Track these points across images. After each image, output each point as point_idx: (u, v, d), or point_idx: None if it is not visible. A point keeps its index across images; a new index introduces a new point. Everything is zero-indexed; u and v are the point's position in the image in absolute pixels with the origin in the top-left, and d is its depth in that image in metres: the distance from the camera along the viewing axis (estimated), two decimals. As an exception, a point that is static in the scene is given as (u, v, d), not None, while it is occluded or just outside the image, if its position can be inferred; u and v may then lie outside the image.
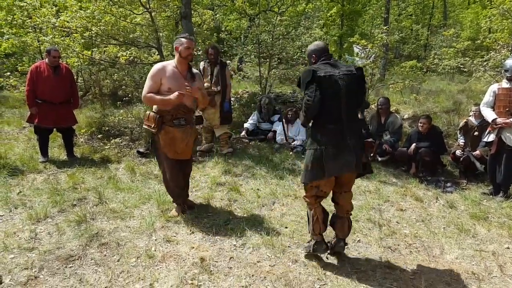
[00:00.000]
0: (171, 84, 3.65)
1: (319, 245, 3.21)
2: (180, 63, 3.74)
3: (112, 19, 6.73)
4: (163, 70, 3.67)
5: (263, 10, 10.12)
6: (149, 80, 3.67)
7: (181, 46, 3.67)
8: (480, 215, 4.26)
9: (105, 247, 3.35)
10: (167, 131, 3.74)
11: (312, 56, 3.15)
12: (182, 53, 3.68)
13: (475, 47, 14.39)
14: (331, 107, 2.95)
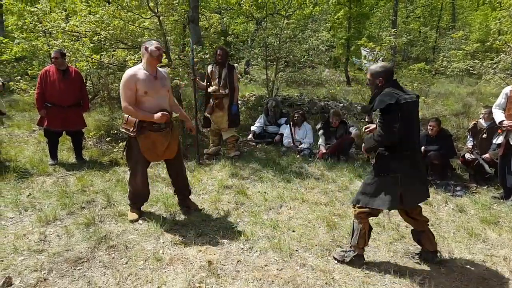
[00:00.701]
0: (146, 88, 3.63)
1: (358, 258, 3.19)
2: (149, 64, 3.69)
3: (120, 23, 6.78)
4: (135, 75, 3.61)
5: (270, 13, 10.16)
6: (124, 88, 3.61)
7: (151, 46, 3.65)
8: (490, 219, 4.20)
9: (113, 249, 3.36)
10: (147, 136, 3.73)
11: (379, 79, 3.01)
12: (153, 52, 3.64)
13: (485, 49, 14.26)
14: (409, 134, 2.92)
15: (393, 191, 2.95)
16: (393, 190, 2.95)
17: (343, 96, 11.10)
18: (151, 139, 3.76)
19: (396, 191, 2.94)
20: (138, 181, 3.92)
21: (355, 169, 5.83)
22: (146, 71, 3.67)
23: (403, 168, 2.94)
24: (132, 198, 4.04)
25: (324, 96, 11.08)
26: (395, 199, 2.94)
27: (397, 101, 2.81)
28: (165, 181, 5.09)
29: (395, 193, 2.94)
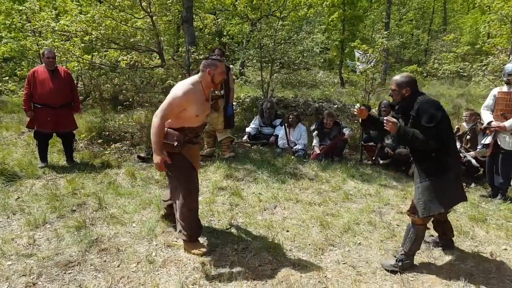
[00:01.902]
0: (199, 111, 3.26)
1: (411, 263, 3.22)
2: (207, 87, 3.33)
3: (112, 23, 6.74)
4: (194, 94, 3.19)
5: (265, 15, 10.16)
6: (176, 100, 3.12)
7: (215, 71, 3.25)
8: (478, 217, 4.26)
9: (105, 252, 3.33)
10: (189, 148, 3.36)
11: (406, 89, 3.11)
12: (216, 79, 3.28)
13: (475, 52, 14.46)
14: (451, 139, 3.13)
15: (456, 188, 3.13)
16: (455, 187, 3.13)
17: (337, 98, 11.15)
18: (191, 152, 3.41)
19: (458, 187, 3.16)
20: (193, 202, 3.41)
21: (348, 169, 5.85)
22: (202, 91, 3.29)
23: (452, 170, 3.07)
24: (191, 228, 3.37)
25: (319, 97, 11.11)
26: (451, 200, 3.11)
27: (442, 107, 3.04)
28: (158, 183, 5.06)
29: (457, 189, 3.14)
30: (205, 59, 3.38)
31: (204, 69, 3.27)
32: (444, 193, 3.03)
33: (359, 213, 4.29)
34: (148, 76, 7.02)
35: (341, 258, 3.33)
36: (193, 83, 3.25)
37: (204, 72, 3.28)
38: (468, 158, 5.65)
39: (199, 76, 3.32)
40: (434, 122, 2.95)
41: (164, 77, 6.45)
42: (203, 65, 3.30)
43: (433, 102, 3.04)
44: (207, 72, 3.26)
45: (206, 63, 3.29)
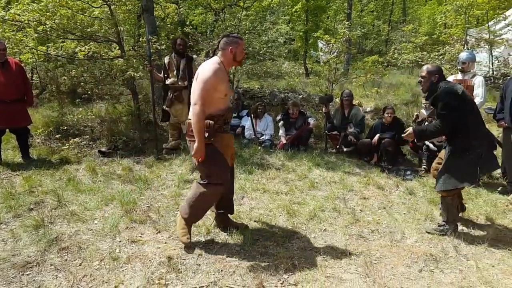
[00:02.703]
0: (227, 90, 3.18)
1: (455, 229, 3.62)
2: (228, 65, 3.25)
3: (68, 12, 6.42)
4: (222, 72, 3.09)
5: (228, 5, 10.04)
6: (208, 81, 3.01)
7: (237, 49, 3.17)
8: (437, 200, 4.42)
9: (65, 251, 3.20)
10: (221, 138, 3.22)
11: (435, 76, 3.49)
12: (238, 56, 3.21)
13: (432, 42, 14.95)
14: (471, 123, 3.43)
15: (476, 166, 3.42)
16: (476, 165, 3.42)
17: (302, 88, 11.24)
18: (225, 142, 3.29)
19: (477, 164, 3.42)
20: (216, 197, 3.32)
21: (313, 158, 5.93)
22: (225, 70, 3.19)
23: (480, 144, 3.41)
24: (197, 214, 3.32)
25: (284, 88, 11.16)
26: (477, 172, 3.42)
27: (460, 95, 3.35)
28: (121, 178, 4.93)
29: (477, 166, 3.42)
30: (225, 36, 3.27)
31: (226, 47, 3.19)
32: (461, 172, 3.42)
33: (324, 200, 4.37)
34: (107, 67, 6.77)
35: (308, 245, 3.38)
36: (217, 62, 3.14)
37: (225, 50, 3.19)
38: (426, 143, 5.86)
39: (219, 55, 3.22)
40: (447, 109, 3.33)
41: (124, 68, 6.25)
42: (224, 42, 3.20)
43: (450, 91, 3.36)
44: (229, 50, 3.18)
45: (228, 41, 3.20)
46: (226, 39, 3.20)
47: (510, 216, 4.11)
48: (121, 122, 7.06)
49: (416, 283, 2.86)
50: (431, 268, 3.06)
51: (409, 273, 2.98)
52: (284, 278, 2.88)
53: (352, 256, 3.20)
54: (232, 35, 3.26)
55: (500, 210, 4.24)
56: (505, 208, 4.31)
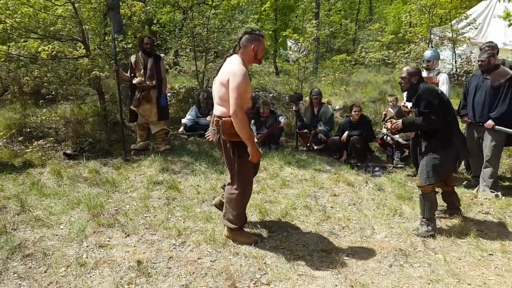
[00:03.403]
0: (251, 89, 3.15)
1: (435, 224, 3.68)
2: (249, 63, 3.22)
3: (29, 10, 6.17)
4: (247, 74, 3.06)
5: (196, 3, 9.92)
6: (242, 86, 2.97)
7: (259, 47, 3.15)
8: (405, 195, 4.57)
9: (29, 258, 3.07)
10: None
11: (415, 77, 3.67)
12: (259, 54, 3.19)
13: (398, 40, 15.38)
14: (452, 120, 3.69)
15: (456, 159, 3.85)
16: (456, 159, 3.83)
17: (272, 87, 11.29)
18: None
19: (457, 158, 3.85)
20: (250, 192, 3.39)
21: (285, 156, 5.97)
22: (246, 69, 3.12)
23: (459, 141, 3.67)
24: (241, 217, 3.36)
25: (255, 86, 11.16)
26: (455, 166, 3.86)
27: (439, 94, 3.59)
28: (87, 181, 4.79)
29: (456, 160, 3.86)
30: (246, 33, 3.21)
31: (247, 44, 3.15)
32: (443, 166, 3.61)
33: (296, 198, 4.40)
34: (72, 67, 6.55)
35: (280, 243, 3.40)
36: (241, 63, 3.10)
37: (247, 47, 3.16)
38: (396, 139, 6.02)
39: (240, 52, 3.18)
40: (429, 108, 3.50)
41: (90, 68, 6.07)
42: (246, 39, 3.16)
43: (430, 91, 3.57)
44: (251, 48, 3.15)
45: (251, 38, 3.16)
46: (248, 36, 3.17)
47: (475, 209, 4.29)
48: (87, 123, 6.86)
49: (386, 278, 2.93)
50: (401, 263, 3.14)
51: (379, 268, 3.05)
52: (256, 278, 2.88)
53: (323, 253, 3.24)
54: (254, 32, 3.22)
55: (466, 203, 4.41)
56: (470, 202, 4.49)
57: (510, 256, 3.29)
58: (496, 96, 4.61)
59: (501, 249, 3.38)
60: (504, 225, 3.88)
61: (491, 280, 2.94)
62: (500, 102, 4.58)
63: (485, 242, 3.53)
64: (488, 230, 3.77)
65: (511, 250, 3.39)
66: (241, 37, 3.21)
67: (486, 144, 4.73)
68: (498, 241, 3.54)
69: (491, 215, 4.14)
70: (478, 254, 3.31)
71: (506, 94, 4.55)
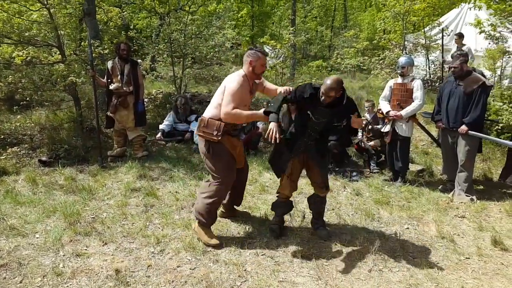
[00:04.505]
0: (247, 101, 3.46)
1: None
2: (251, 78, 3.44)
3: (3, 15, 6.03)
4: (245, 83, 3.36)
5: (173, 9, 9.90)
6: (236, 94, 3.27)
7: (257, 62, 3.37)
8: (383, 200, 4.68)
9: (4, 268, 3.00)
10: (228, 140, 3.46)
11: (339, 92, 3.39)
12: (257, 69, 3.40)
13: (373, 47, 15.70)
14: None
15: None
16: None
17: (250, 92, 11.33)
18: (231, 143, 3.51)
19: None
20: (224, 193, 3.58)
21: (263, 162, 6.01)
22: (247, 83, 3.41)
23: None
24: (211, 214, 3.49)
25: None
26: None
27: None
28: (63, 189, 4.70)
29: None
30: (248, 49, 3.44)
31: (246, 59, 3.39)
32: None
33: (275, 204, 4.43)
34: (47, 73, 6.41)
35: (260, 250, 3.42)
36: (242, 75, 3.37)
37: (246, 63, 3.40)
38: (366, 147, 6.16)
39: (243, 68, 3.43)
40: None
41: (65, 74, 5.96)
42: (246, 55, 3.40)
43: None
44: (249, 62, 3.36)
45: (250, 54, 3.39)
46: (249, 52, 3.42)
47: (451, 213, 4.42)
48: (62, 129, 6.72)
49: (366, 283, 3.00)
50: (380, 268, 3.21)
51: (359, 274, 3.12)
52: (237, 285, 2.90)
53: (303, 259, 3.28)
54: (255, 49, 3.45)
55: (442, 207, 4.55)
56: (446, 206, 4.63)
57: (487, 259, 3.42)
58: (469, 102, 4.77)
59: (477, 253, 3.51)
60: (479, 228, 4.01)
61: (469, 284, 3.05)
62: (473, 107, 4.74)
63: (461, 245, 3.65)
64: (464, 234, 3.90)
65: (487, 253, 3.51)
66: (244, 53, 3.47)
67: (460, 149, 4.88)
68: (475, 244, 3.67)
69: (467, 218, 4.28)
70: (455, 257, 3.42)
71: (478, 100, 4.70)
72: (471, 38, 11.05)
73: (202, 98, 9.59)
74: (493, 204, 4.70)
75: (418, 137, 7.26)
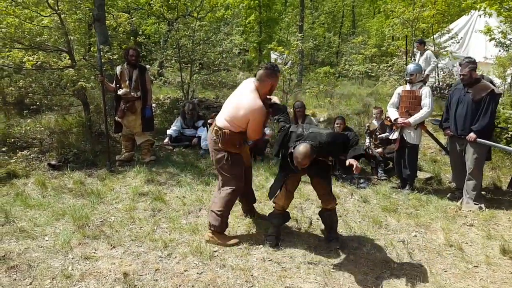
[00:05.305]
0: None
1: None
2: (264, 95, 3.57)
3: (15, 21, 6.15)
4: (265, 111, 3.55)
5: (182, 15, 10.00)
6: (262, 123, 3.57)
7: (275, 82, 3.59)
8: (390, 207, 4.65)
9: (14, 270, 3.04)
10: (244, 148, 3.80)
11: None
12: (273, 89, 3.64)
13: (381, 53, 15.65)
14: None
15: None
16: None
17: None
18: (245, 151, 3.85)
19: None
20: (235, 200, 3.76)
21: (270, 168, 6.02)
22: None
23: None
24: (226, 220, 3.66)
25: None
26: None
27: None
28: (72, 192, 4.74)
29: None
30: (267, 68, 3.51)
31: (266, 80, 3.49)
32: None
33: (282, 210, 4.43)
34: (57, 77, 6.51)
35: (267, 255, 3.42)
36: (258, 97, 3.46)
37: (265, 82, 3.49)
38: (375, 153, 6.14)
39: (256, 84, 3.50)
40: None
41: (75, 78, 6.05)
42: (266, 75, 3.48)
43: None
44: (269, 83, 3.53)
45: (270, 74, 3.49)
46: (268, 72, 3.51)
47: (460, 221, 4.38)
48: (71, 133, 6.79)
49: (372, 290, 2.98)
50: (387, 275, 3.19)
51: (366, 281, 3.10)
52: (244, 289, 2.91)
53: (310, 265, 3.27)
54: (274, 68, 3.55)
55: (450, 215, 4.52)
56: (454, 214, 4.59)
57: (495, 268, 3.38)
58: (477, 110, 4.73)
59: (485, 261, 3.47)
60: (488, 237, 3.97)
61: (476, 292, 3.02)
62: (482, 115, 4.71)
63: (470, 254, 3.62)
64: (472, 242, 3.86)
65: (495, 262, 3.48)
66: (259, 70, 3.54)
67: (469, 157, 4.85)
68: (483, 253, 3.63)
69: (475, 227, 4.24)
70: (463, 266, 3.39)
71: (487, 108, 4.67)
72: (481, 45, 11.00)
73: (209, 103, 9.65)
74: (502, 212, 4.65)
75: (427, 145, 7.22)
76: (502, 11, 7.79)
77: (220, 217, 3.55)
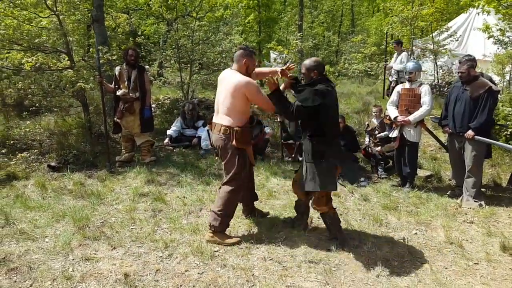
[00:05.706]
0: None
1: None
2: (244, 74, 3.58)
3: (13, 22, 6.14)
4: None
5: (181, 15, 9.99)
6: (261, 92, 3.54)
7: (250, 62, 3.54)
8: (390, 205, 4.65)
9: (14, 272, 3.04)
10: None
11: (314, 72, 3.43)
12: (250, 69, 3.58)
13: (380, 52, 15.66)
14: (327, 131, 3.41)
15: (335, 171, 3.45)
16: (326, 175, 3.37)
17: (257, 98, 11.36)
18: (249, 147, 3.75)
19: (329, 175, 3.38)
20: (239, 198, 3.74)
21: (271, 167, 6.02)
22: None
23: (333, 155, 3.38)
24: (226, 219, 3.62)
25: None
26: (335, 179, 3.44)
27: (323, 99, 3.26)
28: (72, 194, 4.74)
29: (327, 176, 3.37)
30: (241, 48, 3.52)
31: (240, 59, 3.45)
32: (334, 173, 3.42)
33: (283, 209, 4.44)
34: (56, 78, 6.51)
35: (268, 254, 3.42)
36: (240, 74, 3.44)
37: (240, 61, 3.47)
38: (375, 152, 6.14)
39: (234, 67, 3.48)
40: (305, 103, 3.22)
41: (74, 79, 6.05)
42: (240, 54, 3.47)
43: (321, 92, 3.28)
44: (243, 62, 3.45)
45: (244, 53, 3.46)
46: (243, 52, 3.51)
47: (460, 219, 4.38)
48: (71, 135, 6.79)
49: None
50: (388, 273, 3.18)
51: (367, 279, 3.10)
52: (245, 289, 2.90)
53: (311, 264, 3.27)
54: (247, 48, 3.56)
55: (450, 213, 4.52)
56: (454, 211, 4.59)
57: (495, 264, 3.38)
58: (475, 107, 4.74)
59: (486, 258, 3.47)
60: (488, 234, 3.97)
61: (477, 289, 3.02)
62: (479, 112, 4.72)
63: (470, 251, 3.62)
64: (473, 240, 3.87)
65: (496, 259, 3.48)
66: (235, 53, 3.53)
67: (467, 154, 4.85)
68: (483, 250, 3.63)
69: (475, 224, 4.24)
70: (464, 263, 3.39)
71: (485, 105, 4.68)
72: (479, 43, 11.00)
73: (209, 103, 9.64)
74: (502, 209, 4.65)
75: (426, 142, 7.22)
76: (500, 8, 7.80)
77: (219, 217, 3.53)
